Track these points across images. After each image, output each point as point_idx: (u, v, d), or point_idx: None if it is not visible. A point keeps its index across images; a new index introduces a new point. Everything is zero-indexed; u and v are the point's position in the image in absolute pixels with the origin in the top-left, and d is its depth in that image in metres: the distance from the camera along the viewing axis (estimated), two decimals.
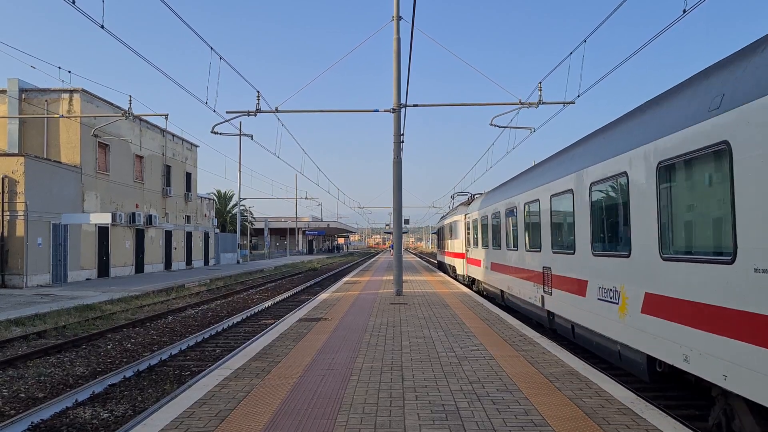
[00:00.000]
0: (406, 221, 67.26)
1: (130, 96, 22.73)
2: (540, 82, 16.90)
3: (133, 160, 33.88)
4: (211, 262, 47.74)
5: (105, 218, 26.01)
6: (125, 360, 10.94)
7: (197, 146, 45.10)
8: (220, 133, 19.51)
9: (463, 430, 4.85)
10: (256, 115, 17.36)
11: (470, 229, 21.77)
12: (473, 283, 21.56)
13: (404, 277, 23.75)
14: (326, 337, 9.52)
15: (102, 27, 12.04)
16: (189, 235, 42.61)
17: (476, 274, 20.18)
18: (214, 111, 17.22)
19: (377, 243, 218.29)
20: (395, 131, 17.01)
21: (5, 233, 23.64)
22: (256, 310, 17.93)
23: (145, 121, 35.34)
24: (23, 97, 27.90)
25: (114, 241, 31.12)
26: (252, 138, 23.91)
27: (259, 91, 17.21)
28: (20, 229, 23.74)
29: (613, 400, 5.66)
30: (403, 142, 17.43)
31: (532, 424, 4.96)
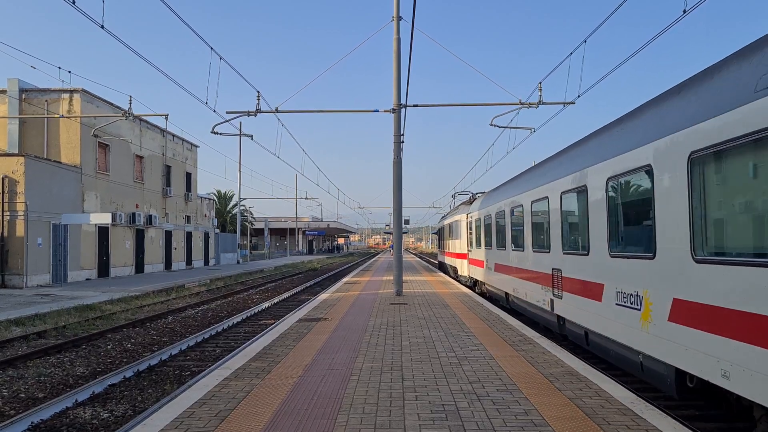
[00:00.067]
0: (406, 221, 67.29)
1: (130, 96, 22.73)
2: (540, 83, 16.91)
3: (133, 160, 33.89)
4: (211, 262, 47.75)
5: (105, 218, 26.01)
6: (125, 360, 10.93)
7: (197, 146, 45.11)
8: (220, 134, 19.52)
9: (463, 430, 4.85)
10: (256, 115, 17.37)
11: (472, 229, 21.20)
12: (476, 284, 21.09)
13: (404, 278, 23.75)
14: (326, 338, 9.52)
15: (102, 27, 12.04)
16: (189, 235, 42.61)
17: (479, 275, 19.63)
18: (214, 111, 17.23)
19: (377, 243, 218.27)
20: (395, 131, 17.02)
21: (5, 233, 23.64)
22: (256, 311, 17.93)
23: (145, 121, 35.35)
24: (23, 97, 27.91)
25: (114, 241, 31.12)
26: (252, 138, 23.93)
27: (259, 92, 17.22)
28: (20, 229, 23.74)
29: (613, 401, 5.66)
30: (403, 142, 17.44)
31: (532, 425, 4.96)
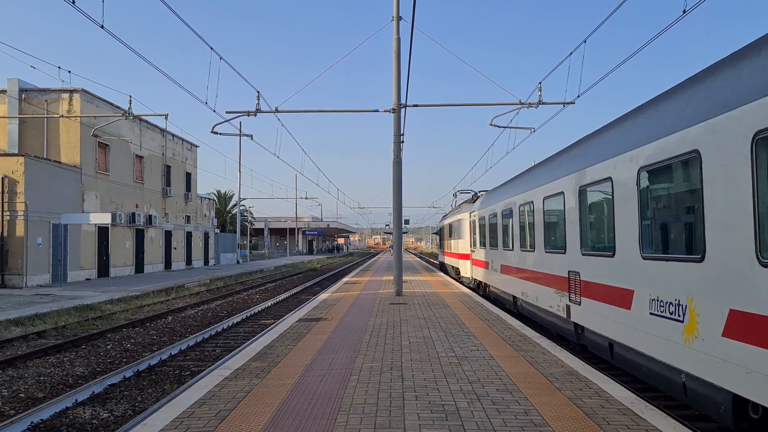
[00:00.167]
0: (406, 221, 67.30)
1: (130, 96, 22.76)
2: (540, 83, 16.91)
3: (133, 160, 33.89)
4: (211, 262, 47.75)
5: (105, 218, 26.01)
6: (125, 360, 10.93)
7: (197, 146, 45.12)
8: (220, 133, 19.53)
9: (463, 430, 4.85)
10: (256, 115, 17.37)
11: (476, 228, 20.37)
12: (479, 286, 20.28)
13: (404, 278, 23.75)
14: (326, 337, 9.52)
15: (102, 27, 12.04)
16: (189, 235, 42.61)
17: (483, 276, 18.78)
18: (214, 111, 17.23)
19: (377, 243, 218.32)
20: (395, 131, 17.02)
21: (5, 233, 23.64)
22: (256, 310, 17.93)
23: (145, 121, 35.35)
24: (23, 97, 27.91)
25: (114, 241, 31.12)
26: (252, 138, 23.95)
27: (259, 91, 17.22)
28: (20, 229, 23.74)
29: (613, 401, 5.66)
30: (403, 142, 17.44)
31: (531, 425, 4.96)
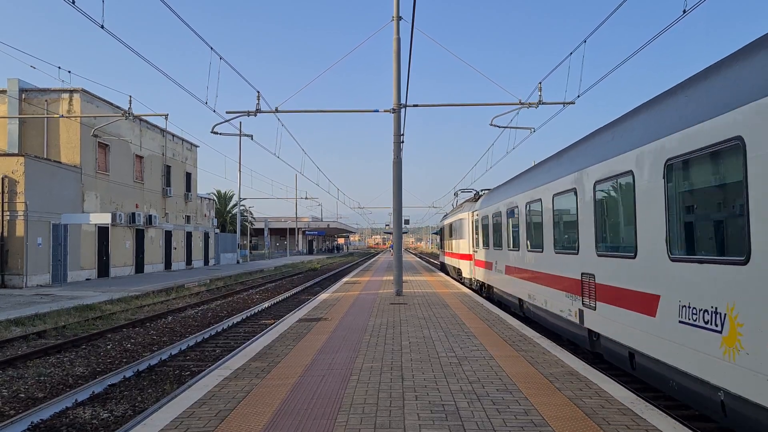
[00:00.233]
0: (406, 221, 67.30)
1: (130, 96, 22.75)
2: (540, 83, 16.91)
3: (133, 160, 33.89)
4: (211, 262, 47.75)
5: (105, 218, 26.01)
6: (125, 360, 10.93)
7: (197, 146, 45.12)
8: (220, 134, 19.53)
9: (463, 430, 4.85)
10: (256, 115, 17.37)
11: (479, 228, 19.70)
12: (482, 287, 19.59)
13: (404, 278, 23.75)
14: (326, 338, 9.52)
15: (102, 27, 12.04)
16: (189, 235, 42.61)
17: (487, 278, 18.12)
18: (214, 111, 17.23)
19: (377, 243, 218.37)
20: (395, 131, 17.02)
21: (5, 233, 23.64)
22: (256, 311, 17.93)
23: (145, 121, 35.35)
24: (23, 97, 27.91)
25: (114, 241, 31.13)
26: (252, 138, 23.94)
27: (259, 92, 17.22)
28: (20, 229, 23.74)
29: (613, 401, 5.66)
30: (403, 142, 17.44)
31: (532, 425, 4.96)
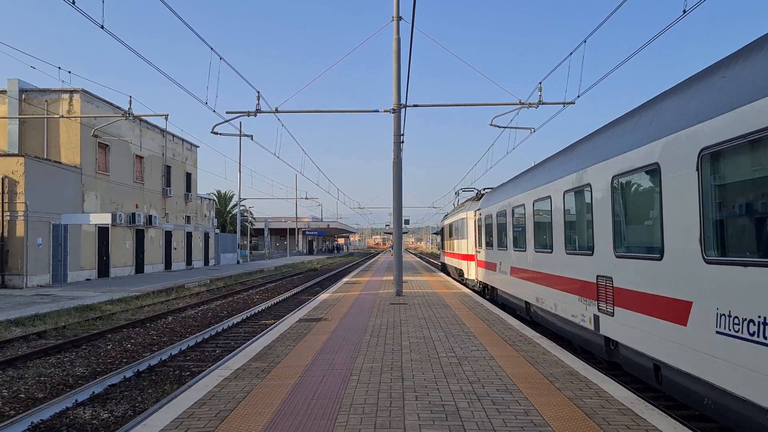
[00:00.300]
0: (406, 221, 67.29)
1: (130, 96, 22.74)
2: (540, 83, 16.92)
3: (133, 160, 33.89)
4: (211, 262, 47.76)
5: (105, 218, 26.02)
6: (125, 360, 10.94)
7: (197, 146, 45.14)
8: (220, 134, 19.53)
9: (463, 430, 4.85)
10: (256, 115, 17.37)
11: (482, 227, 19.04)
12: (485, 289, 19.00)
13: (404, 278, 23.75)
14: (326, 338, 9.52)
15: (102, 27, 12.04)
16: (189, 235, 42.61)
17: (490, 279, 17.53)
18: (214, 111, 17.24)
19: (377, 243, 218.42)
20: (395, 131, 17.02)
21: (5, 233, 23.64)
22: (256, 311, 17.93)
23: (145, 122, 35.36)
24: (23, 97, 27.92)
25: (114, 242, 31.13)
26: (252, 138, 23.95)
27: (259, 92, 17.23)
28: (20, 230, 23.74)
29: (613, 401, 5.66)
30: (403, 142, 17.44)
31: (532, 425, 4.96)
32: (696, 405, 5.62)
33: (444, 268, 33.94)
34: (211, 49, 15.05)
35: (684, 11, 9.12)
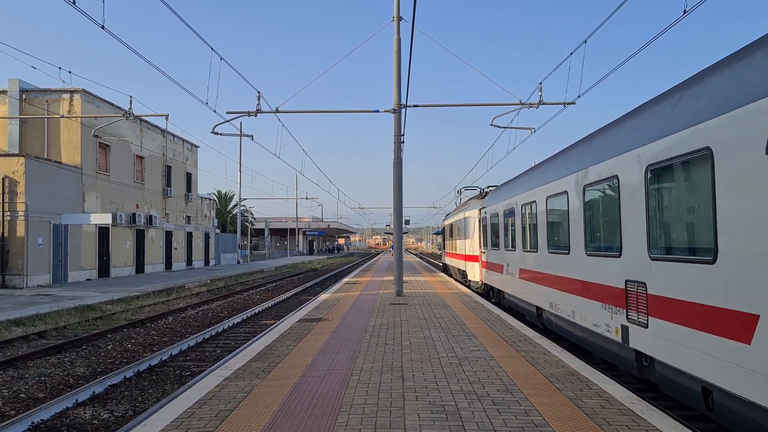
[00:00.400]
0: (407, 222, 67.29)
1: (131, 96, 22.76)
2: (540, 83, 16.92)
3: (133, 160, 33.90)
4: (212, 262, 47.76)
5: (105, 218, 26.03)
6: (125, 360, 10.94)
7: (198, 146, 45.15)
8: (221, 134, 19.53)
9: (464, 430, 4.85)
10: (256, 115, 17.38)
11: (487, 227, 18.06)
12: (490, 292, 18.16)
13: (405, 278, 23.74)
14: (326, 338, 9.52)
15: (102, 27, 12.05)
16: (189, 235, 42.62)
17: (497, 282, 16.52)
18: (215, 111, 17.24)
19: (378, 243, 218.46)
20: (395, 131, 17.03)
21: (6, 233, 23.65)
22: (257, 311, 17.93)
23: (146, 122, 35.37)
24: (24, 97, 27.93)
25: (114, 242, 31.13)
26: (252, 138, 23.93)
27: (259, 92, 17.24)
28: (21, 230, 23.75)
29: (613, 401, 5.66)
30: (403, 142, 17.44)
31: (532, 425, 4.95)
32: None
33: (446, 270, 33.25)
34: (212, 49, 15.05)
35: (684, 11, 9.12)
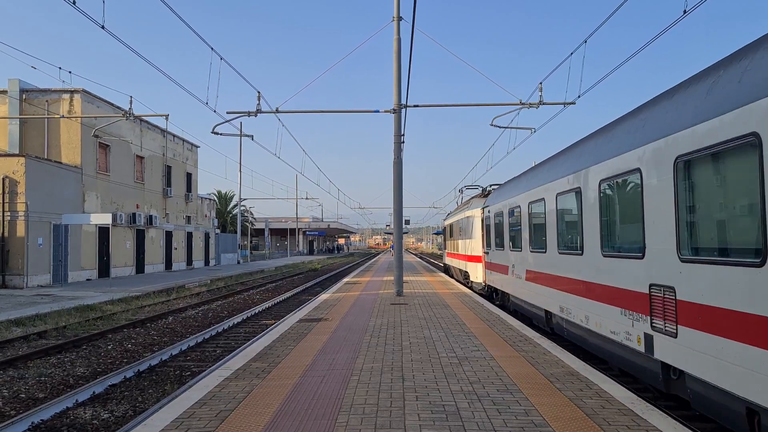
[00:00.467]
0: (407, 222, 67.28)
1: (131, 96, 22.75)
2: (540, 83, 16.93)
3: (133, 160, 33.91)
4: (212, 262, 47.76)
5: (105, 218, 26.02)
6: (126, 360, 10.94)
7: (198, 147, 45.15)
8: (221, 134, 19.53)
9: (464, 430, 4.85)
10: (256, 115, 17.38)
11: (491, 226, 17.39)
12: (494, 294, 17.53)
13: (405, 278, 23.73)
14: (327, 338, 9.52)
15: (102, 27, 12.05)
16: (189, 235, 42.62)
17: (501, 284, 15.86)
18: (215, 111, 17.24)
19: (378, 243, 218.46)
20: (396, 132, 17.02)
21: (6, 233, 23.65)
22: (257, 311, 17.93)
23: (146, 122, 35.37)
24: (24, 97, 27.93)
25: (114, 242, 31.13)
26: (252, 138, 23.93)
27: (259, 92, 17.24)
28: (21, 230, 23.76)
29: (613, 401, 5.66)
30: (403, 142, 17.44)
31: (532, 425, 4.95)
32: None
33: (447, 271, 32.58)
34: (212, 49, 15.06)
35: (684, 11, 9.12)
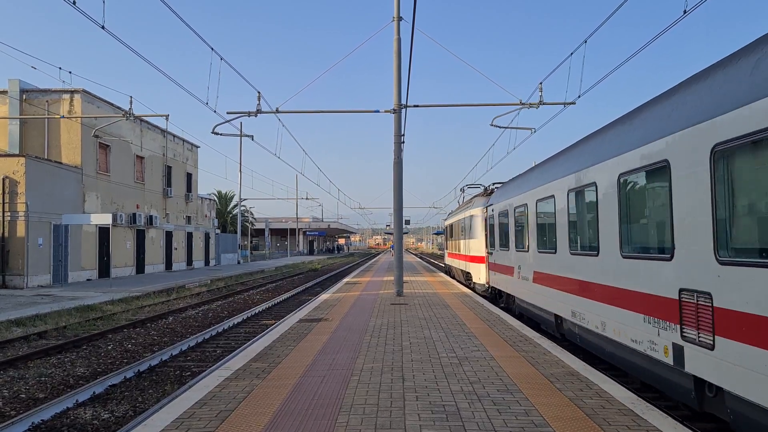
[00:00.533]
0: (407, 222, 67.33)
1: (131, 96, 22.75)
2: (540, 83, 16.93)
3: (133, 160, 33.91)
4: (212, 262, 47.77)
5: (106, 219, 26.01)
6: (126, 360, 10.94)
7: (198, 147, 45.16)
8: (221, 134, 19.54)
9: (464, 430, 4.85)
10: (256, 115, 17.39)
11: (495, 225, 16.84)
12: (498, 296, 16.89)
13: (405, 278, 23.72)
14: (327, 338, 9.52)
15: (102, 27, 12.06)
16: (189, 235, 42.62)
17: (506, 285, 15.21)
18: (215, 111, 17.24)
19: (378, 244, 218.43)
20: (396, 132, 17.03)
21: (6, 234, 23.65)
22: (257, 311, 17.93)
23: (146, 122, 35.37)
24: (24, 97, 27.93)
25: (115, 242, 31.12)
26: (253, 138, 23.93)
27: (259, 92, 17.24)
28: (21, 230, 23.76)
29: (613, 401, 5.65)
30: (403, 142, 17.45)
31: (532, 425, 4.95)
32: None
33: (448, 271, 31.97)
34: (212, 49, 15.06)
35: (684, 11, 9.12)
